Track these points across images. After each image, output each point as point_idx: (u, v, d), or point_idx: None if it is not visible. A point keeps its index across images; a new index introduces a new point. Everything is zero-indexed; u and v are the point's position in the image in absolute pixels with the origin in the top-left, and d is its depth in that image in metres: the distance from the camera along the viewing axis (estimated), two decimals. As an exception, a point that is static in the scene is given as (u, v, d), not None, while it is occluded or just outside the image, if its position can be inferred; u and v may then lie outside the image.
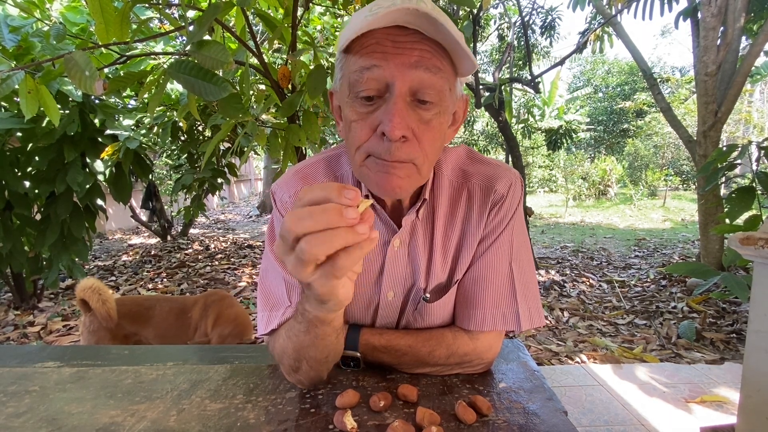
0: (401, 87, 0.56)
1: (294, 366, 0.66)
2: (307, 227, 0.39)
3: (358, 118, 0.59)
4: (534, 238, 6.91)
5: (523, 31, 5.42)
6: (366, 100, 0.58)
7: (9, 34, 2.17)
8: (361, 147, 0.60)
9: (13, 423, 0.62)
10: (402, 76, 0.55)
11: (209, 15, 1.36)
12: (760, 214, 2.49)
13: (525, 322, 0.70)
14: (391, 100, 0.56)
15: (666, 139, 13.49)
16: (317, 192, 0.41)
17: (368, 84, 0.56)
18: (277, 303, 0.70)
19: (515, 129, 9.64)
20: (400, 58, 0.55)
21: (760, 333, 1.32)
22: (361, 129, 0.59)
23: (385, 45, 0.55)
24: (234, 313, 2.06)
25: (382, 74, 0.55)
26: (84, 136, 2.80)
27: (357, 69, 0.57)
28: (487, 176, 0.72)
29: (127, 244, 6.80)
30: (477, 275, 0.71)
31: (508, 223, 0.71)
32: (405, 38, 0.55)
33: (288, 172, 0.76)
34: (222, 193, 7.69)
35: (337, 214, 0.39)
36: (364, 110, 0.58)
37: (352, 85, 0.58)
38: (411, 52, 0.55)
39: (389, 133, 0.55)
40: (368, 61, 0.56)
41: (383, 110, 0.57)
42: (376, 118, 0.58)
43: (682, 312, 3.31)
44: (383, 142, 0.57)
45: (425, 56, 0.56)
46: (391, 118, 0.55)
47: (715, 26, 3.74)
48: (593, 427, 1.82)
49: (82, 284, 1.78)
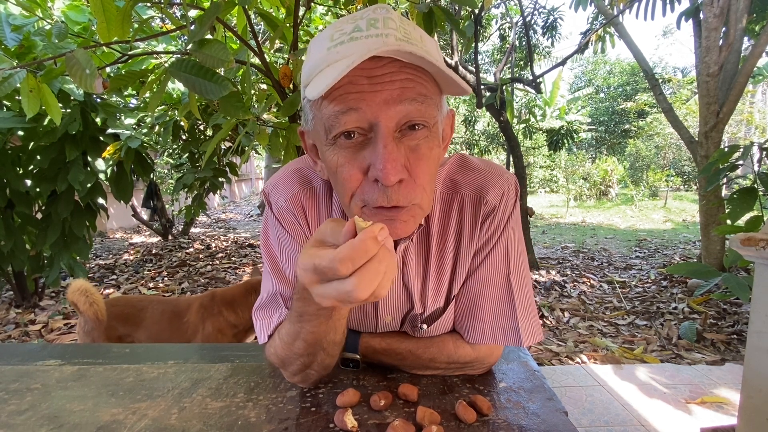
0: (387, 125, 0.50)
1: (306, 362, 0.64)
2: (357, 265, 0.40)
3: (345, 162, 0.53)
4: (535, 238, 6.90)
5: (524, 31, 5.41)
6: (347, 138, 0.52)
7: (11, 33, 2.17)
8: (355, 195, 0.55)
9: (15, 420, 0.62)
10: (385, 114, 0.50)
11: (210, 14, 1.36)
12: (762, 215, 2.49)
13: (526, 338, 0.68)
14: (378, 143, 0.50)
15: (667, 140, 13.46)
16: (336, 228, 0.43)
17: (347, 128, 0.51)
18: (275, 311, 0.69)
19: (517, 129, 9.63)
20: (380, 96, 0.49)
21: (761, 334, 1.32)
22: (350, 173, 0.53)
23: (360, 84, 0.49)
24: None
25: (362, 116, 0.50)
26: (85, 135, 2.80)
27: (331, 114, 0.51)
28: (477, 186, 0.68)
29: (128, 243, 6.80)
30: (474, 289, 0.69)
31: (502, 234, 0.68)
32: (381, 70, 0.49)
33: (284, 170, 0.71)
34: (223, 192, 7.69)
35: (374, 242, 0.39)
36: (348, 151, 0.53)
37: (328, 128, 0.52)
38: (391, 85, 0.49)
39: (383, 180, 0.50)
40: (343, 104, 0.50)
41: (371, 153, 0.51)
42: (364, 158, 0.52)
43: (682, 313, 3.30)
44: (378, 188, 0.52)
45: (408, 86, 0.50)
46: (383, 164, 0.50)
47: (717, 27, 3.73)
48: (593, 428, 1.82)
49: (71, 286, 1.77)
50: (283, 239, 0.69)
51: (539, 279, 4.26)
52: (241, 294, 2.05)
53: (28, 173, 2.88)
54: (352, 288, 0.39)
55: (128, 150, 2.86)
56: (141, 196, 6.66)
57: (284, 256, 0.70)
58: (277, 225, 0.70)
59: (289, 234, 0.69)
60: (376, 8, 0.52)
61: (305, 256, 0.43)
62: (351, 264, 0.39)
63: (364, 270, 0.40)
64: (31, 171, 2.88)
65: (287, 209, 0.68)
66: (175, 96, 3.18)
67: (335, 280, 0.41)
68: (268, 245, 0.72)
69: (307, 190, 0.69)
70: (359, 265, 0.40)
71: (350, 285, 0.40)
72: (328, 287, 0.41)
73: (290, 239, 0.69)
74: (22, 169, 2.85)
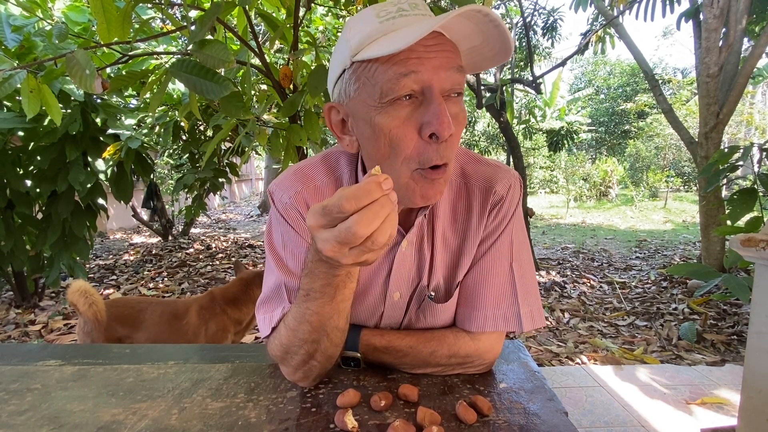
0: (439, 87, 0.57)
1: (310, 350, 0.65)
2: (360, 204, 0.43)
3: (401, 123, 0.58)
4: (535, 238, 6.90)
5: (524, 31, 5.42)
6: (405, 99, 0.58)
7: (11, 34, 2.18)
8: (409, 158, 0.59)
9: (15, 421, 0.62)
10: (438, 78, 0.57)
11: (211, 14, 1.36)
12: (762, 216, 2.49)
13: (527, 323, 0.70)
14: (434, 101, 0.57)
15: (667, 141, 13.46)
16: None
17: (406, 89, 0.57)
18: (278, 305, 0.70)
19: (516, 130, 9.63)
20: (433, 62, 0.57)
21: (761, 335, 1.32)
22: (405, 134, 0.58)
23: (418, 51, 0.56)
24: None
25: (420, 78, 0.56)
26: (86, 136, 2.81)
27: (393, 76, 0.56)
28: (487, 177, 0.72)
29: (128, 243, 6.80)
30: (477, 277, 0.72)
31: (508, 224, 0.71)
32: (432, 41, 0.57)
33: (287, 172, 0.75)
34: (223, 192, 7.69)
35: (378, 187, 0.43)
36: (405, 112, 0.58)
37: (386, 92, 0.57)
38: (441, 54, 0.57)
39: (441, 132, 0.56)
40: (405, 67, 0.56)
41: (428, 111, 0.57)
42: (417, 120, 0.58)
43: (683, 313, 3.30)
44: (431, 146, 0.58)
45: (450, 57, 0.58)
46: (441, 118, 0.56)
47: (717, 27, 3.74)
48: (594, 428, 1.82)
49: (71, 287, 1.77)
50: (287, 235, 0.71)
51: (539, 279, 4.26)
52: (240, 290, 2.08)
53: (29, 173, 2.88)
54: (353, 223, 0.43)
55: (128, 150, 2.86)
56: (141, 197, 6.66)
57: (288, 251, 0.71)
58: (282, 221, 0.71)
59: (294, 229, 0.70)
60: None
61: (323, 231, 0.46)
62: (355, 202, 0.43)
63: (365, 210, 0.43)
64: (32, 171, 2.89)
65: (291, 206, 0.71)
66: (176, 96, 3.19)
67: (339, 223, 0.44)
68: (272, 241, 0.74)
69: (310, 187, 0.72)
70: (363, 205, 0.43)
71: (351, 221, 0.43)
72: (333, 230, 0.45)
73: (294, 234, 0.70)
74: (23, 169, 2.85)
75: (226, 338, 2.02)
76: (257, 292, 2.06)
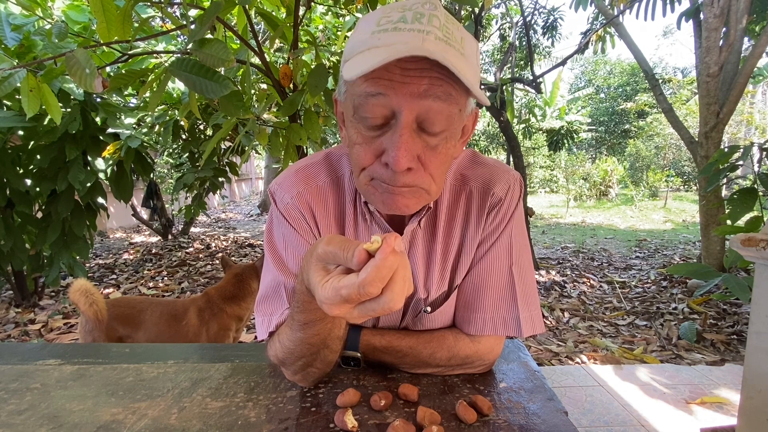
0: (407, 116, 0.53)
1: (309, 361, 0.65)
2: (385, 282, 0.40)
3: (363, 142, 0.57)
4: (535, 238, 6.90)
5: (524, 31, 5.41)
6: (371, 129, 0.56)
7: (11, 33, 2.17)
8: (365, 170, 0.59)
9: (15, 420, 0.62)
10: (408, 106, 0.53)
11: (211, 13, 1.36)
12: (762, 216, 2.49)
13: (526, 328, 0.69)
14: (396, 131, 0.54)
15: (667, 140, 13.46)
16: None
17: (373, 111, 0.54)
18: (276, 308, 0.70)
19: (517, 129, 9.63)
20: (407, 88, 0.52)
21: (761, 334, 1.32)
22: (365, 153, 0.57)
23: (393, 72, 0.52)
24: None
25: (388, 102, 0.53)
26: (85, 135, 2.80)
27: (362, 94, 0.54)
28: (485, 179, 0.71)
29: (128, 242, 6.80)
30: (476, 279, 0.71)
31: (506, 226, 0.70)
32: (414, 64, 0.52)
33: (288, 171, 0.74)
34: (223, 191, 7.69)
35: (395, 256, 0.40)
36: (368, 135, 0.57)
37: (356, 107, 0.56)
38: (419, 81, 0.52)
39: (393, 166, 0.54)
40: (374, 87, 0.53)
41: (388, 139, 0.55)
42: (380, 144, 0.56)
43: (682, 313, 3.30)
44: (387, 170, 0.56)
45: (435, 84, 0.53)
46: (396, 151, 0.53)
47: (717, 27, 3.73)
48: (593, 428, 1.82)
49: (73, 286, 1.77)
50: (287, 235, 0.71)
51: (539, 279, 4.26)
52: (235, 286, 2.08)
53: (28, 172, 2.88)
54: (388, 301, 0.40)
55: (128, 149, 2.86)
56: (141, 196, 6.66)
57: (288, 252, 0.71)
58: (283, 221, 0.71)
59: (295, 230, 0.70)
60: (425, 2, 0.54)
61: (327, 290, 0.43)
62: (381, 283, 0.40)
63: (393, 284, 0.41)
64: (31, 170, 2.88)
65: (293, 206, 0.70)
66: (176, 95, 3.18)
67: (367, 301, 0.42)
68: (273, 240, 0.73)
69: (312, 188, 0.71)
70: (387, 281, 0.40)
71: (385, 301, 0.41)
72: (362, 309, 0.42)
73: (295, 235, 0.70)
74: (22, 168, 2.85)
75: (228, 336, 2.02)
76: (253, 285, 2.07)
